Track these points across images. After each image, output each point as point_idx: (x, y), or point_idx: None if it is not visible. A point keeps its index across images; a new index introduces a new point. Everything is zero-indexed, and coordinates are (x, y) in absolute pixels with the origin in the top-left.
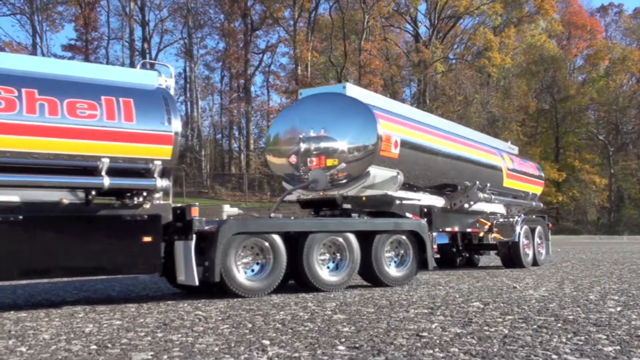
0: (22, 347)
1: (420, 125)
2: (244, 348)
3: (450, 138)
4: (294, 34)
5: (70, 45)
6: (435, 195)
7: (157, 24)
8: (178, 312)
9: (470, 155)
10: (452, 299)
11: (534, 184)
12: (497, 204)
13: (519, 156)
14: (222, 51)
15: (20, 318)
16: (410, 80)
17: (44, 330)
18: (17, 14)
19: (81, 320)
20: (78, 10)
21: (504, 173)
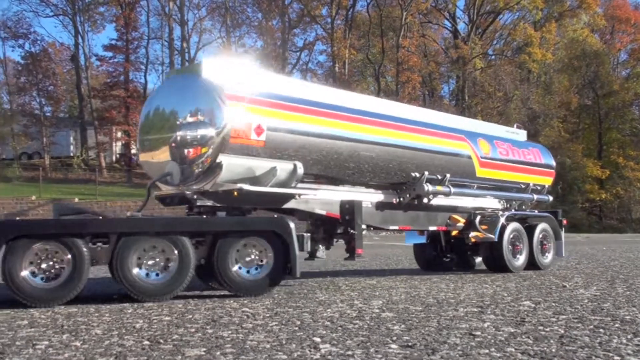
0: (77, 342)
1: (324, 109)
2: (296, 345)
3: (383, 123)
4: (331, 32)
5: (112, 45)
6: (373, 190)
7: (196, 23)
8: (225, 308)
9: (416, 142)
10: (500, 297)
11: (535, 173)
12: (486, 198)
13: (516, 142)
14: (260, 49)
15: (71, 313)
16: (448, 77)
17: (95, 325)
18: (59, 15)
19: (131, 316)
20: (119, 11)
21: (476, 161)
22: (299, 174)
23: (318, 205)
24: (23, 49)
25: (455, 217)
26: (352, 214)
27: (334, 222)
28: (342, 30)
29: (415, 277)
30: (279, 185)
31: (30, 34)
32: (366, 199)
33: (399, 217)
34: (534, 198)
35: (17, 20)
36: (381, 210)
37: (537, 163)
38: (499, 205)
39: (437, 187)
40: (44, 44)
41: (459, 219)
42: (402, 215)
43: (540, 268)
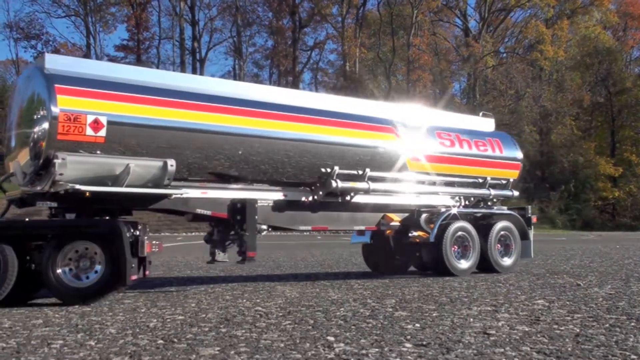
0: (91, 341)
1: (194, 101)
2: (310, 344)
3: (281, 116)
4: (342, 31)
5: (123, 45)
6: (279, 188)
7: (207, 23)
8: (238, 307)
9: (325, 136)
10: (514, 296)
11: (494, 166)
12: (437, 195)
13: (471, 132)
14: (271, 49)
15: (85, 312)
16: (459, 75)
17: (109, 324)
18: (71, 16)
19: (144, 315)
20: (130, 11)
21: (406, 154)
22: (170, 172)
23: (203, 205)
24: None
25: (390, 215)
26: (244, 214)
27: (229, 224)
28: (352, 29)
29: (429, 277)
30: (147, 184)
31: (43, 35)
32: (266, 198)
33: (313, 216)
34: (490, 194)
35: (29, 21)
36: (289, 209)
37: (495, 155)
38: (453, 202)
39: (351, 184)
40: (56, 45)
41: (392, 218)
42: (316, 214)
43: (497, 271)
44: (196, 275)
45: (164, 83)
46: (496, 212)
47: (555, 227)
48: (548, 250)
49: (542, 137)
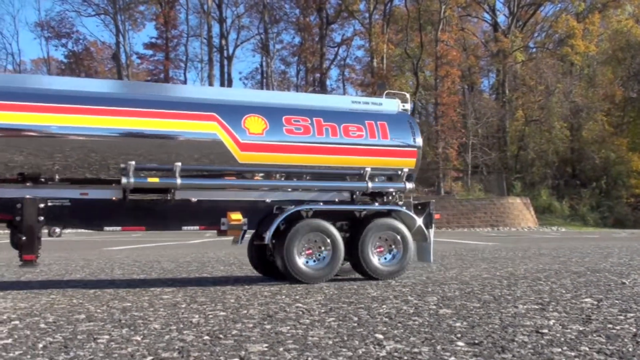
0: (137, 337)
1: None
2: (358, 342)
3: (72, 109)
4: (369, 27)
5: (152, 43)
6: (78, 186)
7: (234, 21)
8: (278, 304)
9: (121, 128)
10: (559, 294)
11: (377, 155)
12: (290, 190)
13: (343, 114)
14: (298, 45)
15: (126, 307)
16: (488, 70)
17: (152, 320)
18: (101, 14)
19: (185, 311)
20: (158, 9)
21: (232, 145)
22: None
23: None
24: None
25: (232, 214)
26: (22, 214)
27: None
28: (380, 25)
29: (465, 274)
30: None
31: (73, 34)
32: (62, 197)
33: (124, 216)
34: (368, 186)
35: (60, 20)
36: (93, 209)
37: (376, 142)
38: (325, 197)
39: (150, 180)
40: (86, 43)
41: (232, 217)
42: (129, 213)
43: (373, 277)
44: (230, 271)
45: None
46: (370, 208)
47: (587, 224)
48: (583, 247)
49: (572, 134)
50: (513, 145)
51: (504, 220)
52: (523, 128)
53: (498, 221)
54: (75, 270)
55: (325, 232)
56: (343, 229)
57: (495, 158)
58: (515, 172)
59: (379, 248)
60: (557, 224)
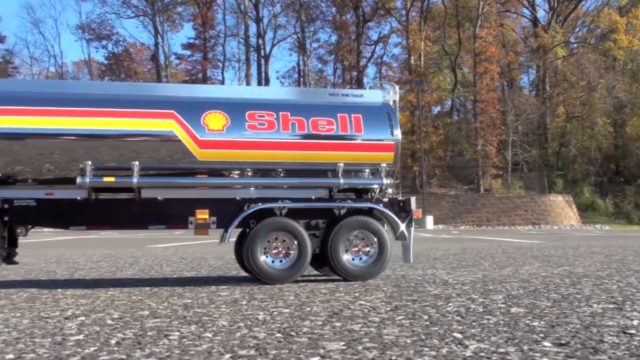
0: (207, 333)
1: None
2: (438, 341)
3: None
4: (406, 24)
5: (190, 44)
6: (45, 186)
7: (271, 20)
8: (340, 301)
9: (78, 128)
10: (630, 293)
11: (347, 149)
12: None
13: (314, 108)
14: (335, 44)
15: (187, 304)
16: (528, 66)
17: (217, 316)
18: (140, 16)
19: (249, 308)
20: (196, 10)
21: (190, 142)
22: None
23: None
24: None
25: (199, 213)
26: (11, 214)
27: None
28: (417, 22)
29: (521, 272)
30: None
31: (113, 35)
32: (26, 197)
33: (88, 215)
34: (339, 183)
35: (100, 22)
36: (57, 208)
37: (348, 135)
38: (300, 195)
39: (105, 179)
40: (125, 45)
41: (197, 216)
42: (93, 213)
43: (347, 278)
44: None
45: None
46: (333, 205)
47: (631, 222)
48: (634, 246)
49: (616, 130)
50: (554, 142)
51: (546, 218)
52: (564, 125)
53: (539, 219)
54: (125, 267)
55: (291, 231)
56: (319, 227)
57: (536, 155)
58: (557, 169)
59: (354, 247)
60: (601, 222)
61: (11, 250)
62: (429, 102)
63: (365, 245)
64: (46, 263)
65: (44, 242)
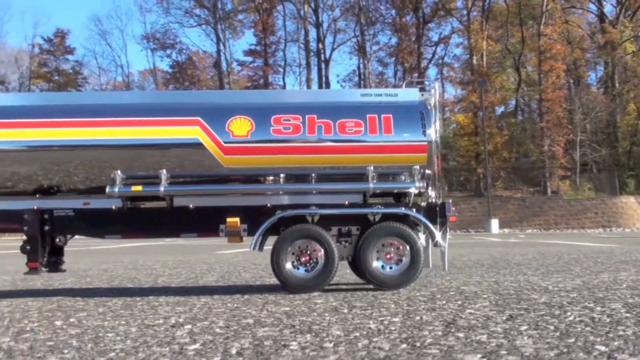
0: (326, 343)
1: None
2: (584, 354)
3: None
4: (467, 24)
5: (251, 50)
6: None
7: (330, 24)
8: (445, 309)
9: (104, 139)
10: None
11: (376, 152)
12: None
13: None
14: (395, 46)
15: (287, 312)
16: (595, 63)
17: (325, 325)
18: (202, 25)
19: (353, 316)
20: (257, 17)
21: (215, 149)
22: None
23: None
24: (170, 59)
25: (229, 220)
26: (30, 224)
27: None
28: (478, 21)
29: (621, 278)
30: None
31: (176, 44)
32: (66, 207)
33: (123, 224)
34: (369, 187)
35: (164, 32)
36: (94, 218)
37: (376, 138)
38: (332, 200)
39: (134, 188)
40: (188, 53)
41: (228, 223)
42: (128, 222)
43: (376, 285)
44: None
45: None
46: (368, 211)
47: None
48: None
49: None
50: (625, 141)
51: (617, 221)
52: (636, 122)
53: (610, 222)
54: (204, 274)
55: (317, 238)
56: (351, 234)
57: (606, 155)
58: (628, 170)
59: (386, 254)
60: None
61: (57, 259)
62: (492, 102)
63: (397, 253)
64: (125, 270)
65: (113, 249)
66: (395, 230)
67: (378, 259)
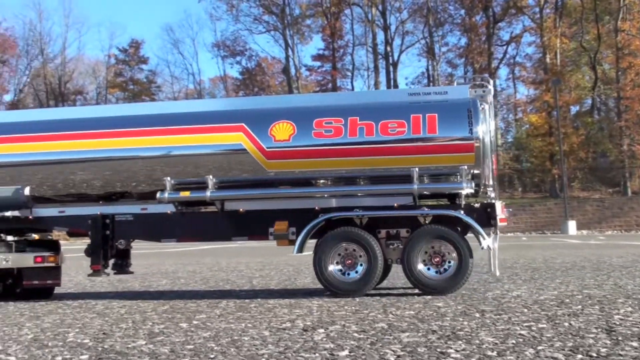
0: (490, 352)
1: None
2: None
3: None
4: (540, 22)
5: (319, 55)
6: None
7: (398, 27)
8: (590, 316)
9: (155, 147)
10: None
11: (420, 152)
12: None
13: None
14: (464, 47)
15: (414, 315)
16: None
17: (473, 332)
18: (271, 31)
19: (493, 321)
20: (324, 21)
21: (258, 154)
22: (25, 196)
23: (61, 222)
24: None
25: (277, 224)
26: (94, 228)
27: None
28: (551, 18)
29: None
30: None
31: (246, 51)
32: (125, 212)
33: (178, 228)
34: (414, 189)
35: (234, 39)
36: (151, 222)
37: (420, 137)
38: (380, 202)
39: (182, 193)
40: (257, 59)
41: (275, 226)
42: (182, 226)
43: (421, 290)
44: None
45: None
46: (413, 213)
47: None
48: None
49: None
50: None
51: None
52: None
53: None
54: (295, 275)
55: (360, 241)
56: (399, 236)
57: None
58: None
59: (434, 258)
60: None
61: (123, 261)
62: (567, 101)
63: (443, 256)
64: (212, 271)
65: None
66: (441, 232)
67: (424, 263)
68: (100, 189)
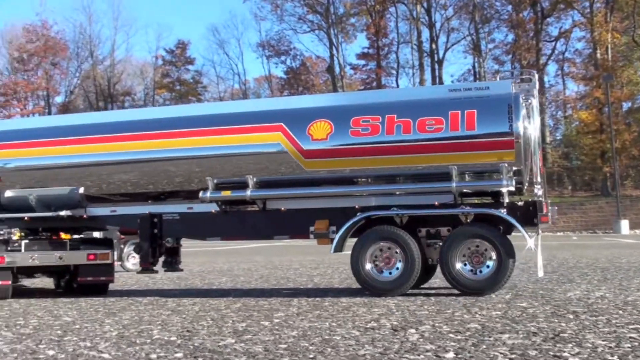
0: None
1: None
2: None
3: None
4: (590, 16)
5: (364, 53)
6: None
7: (443, 24)
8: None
9: (196, 148)
10: None
11: (458, 149)
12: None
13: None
14: (512, 43)
15: (471, 320)
16: None
17: (576, 334)
18: (315, 30)
19: (592, 324)
20: (369, 20)
21: (296, 153)
22: (79, 195)
23: (113, 221)
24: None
25: (318, 222)
26: (143, 227)
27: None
28: (602, 13)
29: None
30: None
31: (290, 51)
32: (173, 211)
33: (223, 227)
34: (452, 187)
35: (278, 39)
36: (196, 221)
37: (459, 135)
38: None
39: (223, 193)
40: (302, 59)
41: (316, 225)
42: (227, 224)
43: (459, 290)
44: None
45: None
46: (448, 212)
47: None
48: None
49: None
50: None
51: None
52: None
53: None
54: None
55: (395, 240)
56: (439, 235)
57: None
58: None
59: (473, 257)
60: None
61: (173, 259)
62: (618, 97)
63: (482, 256)
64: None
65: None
66: (478, 232)
67: (463, 262)
68: (148, 188)
